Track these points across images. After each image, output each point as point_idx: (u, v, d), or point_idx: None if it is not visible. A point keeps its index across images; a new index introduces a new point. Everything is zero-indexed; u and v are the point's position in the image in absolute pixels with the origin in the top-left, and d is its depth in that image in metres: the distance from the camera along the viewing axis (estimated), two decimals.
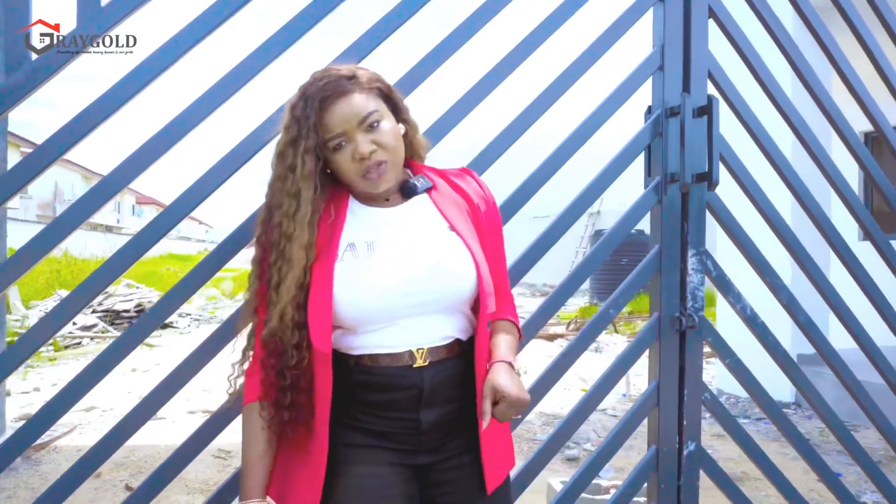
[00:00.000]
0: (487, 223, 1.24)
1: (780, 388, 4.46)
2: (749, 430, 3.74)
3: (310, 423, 1.10)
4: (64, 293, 10.05)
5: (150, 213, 38.00)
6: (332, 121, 1.10)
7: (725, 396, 5.03)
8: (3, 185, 1.35)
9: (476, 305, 1.17)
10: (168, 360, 6.39)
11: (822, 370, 3.99)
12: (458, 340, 1.17)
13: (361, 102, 1.11)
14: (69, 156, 1.51)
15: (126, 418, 1.43)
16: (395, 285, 1.11)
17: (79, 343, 8.07)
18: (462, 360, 1.17)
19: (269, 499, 1.11)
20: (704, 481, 1.79)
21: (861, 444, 2.04)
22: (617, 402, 4.73)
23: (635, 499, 1.82)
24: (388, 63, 1.57)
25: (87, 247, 20.89)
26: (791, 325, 1.97)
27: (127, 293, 10.45)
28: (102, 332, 8.63)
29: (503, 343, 1.19)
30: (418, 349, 1.12)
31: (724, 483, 1.83)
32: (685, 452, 1.76)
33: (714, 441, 3.80)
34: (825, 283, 1.98)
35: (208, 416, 1.49)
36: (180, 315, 10.64)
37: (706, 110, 1.72)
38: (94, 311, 9.35)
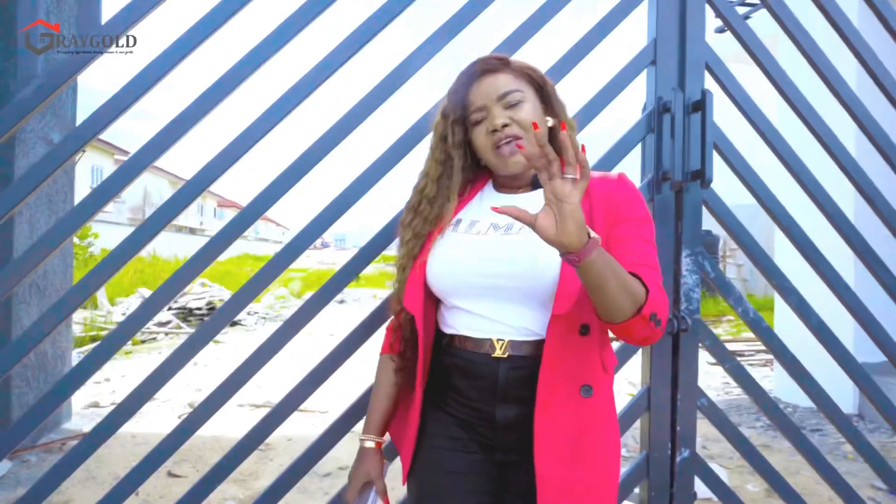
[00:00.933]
0: (611, 218, 1.11)
1: (840, 397, 4.19)
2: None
3: (412, 381, 1.20)
4: (146, 291, 10.74)
5: (230, 216, 39.96)
6: (476, 95, 1.16)
7: (783, 405, 4.77)
8: (99, 193, 1.49)
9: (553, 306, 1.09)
10: (231, 356, 6.69)
11: (890, 380, 3.73)
12: (543, 340, 1.09)
13: (505, 81, 1.16)
14: (158, 163, 1.64)
15: (196, 412, 1.60)
16: (472, 262, 1.12)
17: (154, 338, 8.57)
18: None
19: (386, 436, 1.28)
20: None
21: None
22: None
23: None
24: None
25: (172, 248, 22.17)
26: (854, 330, 1.87)
27: (200, 292, 11.01)
28: (176, 329, 9.13)
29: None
30: (499, 339, 1.11)
31: (721, 491, 1.75)
32: (678, 459, 1.69)
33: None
34: (847, 292, 1.86)
35: (264, 414, 1.59)
36: (248, 313, 11.12)
37: (701, 106, 1.66)
38: (169, 309, 9.91)
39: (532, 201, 1.14)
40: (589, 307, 1.03)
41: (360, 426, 1.56)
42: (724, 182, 1.82)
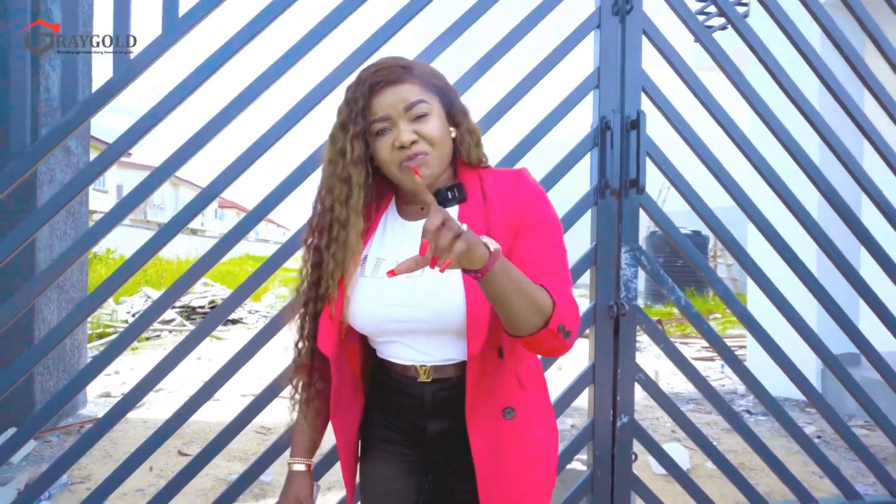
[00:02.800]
0: (514, 228, 1.11)
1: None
2: (757, 428, 3.83)
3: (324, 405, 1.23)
4: (149, 290, 11.03)
5: (231, 217, 40.19)
6: (378, 105, 1.09)
7: (741, 396, 5.06)
8: (119, 208, 1.81)
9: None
10: (231, 352, 6.99)
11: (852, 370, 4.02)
12: (465, 362, 1.11)
13: (411, 91, 1.09)
14: (153, 162, 1.95)
15: (192, 399, 1.88)
16: (383, 310, 1.11)
17: (158, 335, 8.86)
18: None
19: (316, 457, 1.29)
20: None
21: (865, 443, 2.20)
22: None
23: (578, 463, 2.07)
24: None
25: (174, 248, 22.44)
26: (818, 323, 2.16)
27: (203, 291, 11.31)
28: (180, 326, 9.42)
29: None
30: (422, 366, 1.13)
31: (656, 451, 2.04)
32: (619, 424, 1.99)
33: (722, 434, 3.91)
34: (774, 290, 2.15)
35: (251, 399, 1.90)
36: (250, 312, 11.43)
37: (636, 124, 1.95)
38: (172, 307, 10.22)
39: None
40: (487, 337, 1.06)
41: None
42: (704, 189, 2.10)
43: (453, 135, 1.16)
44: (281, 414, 1.91)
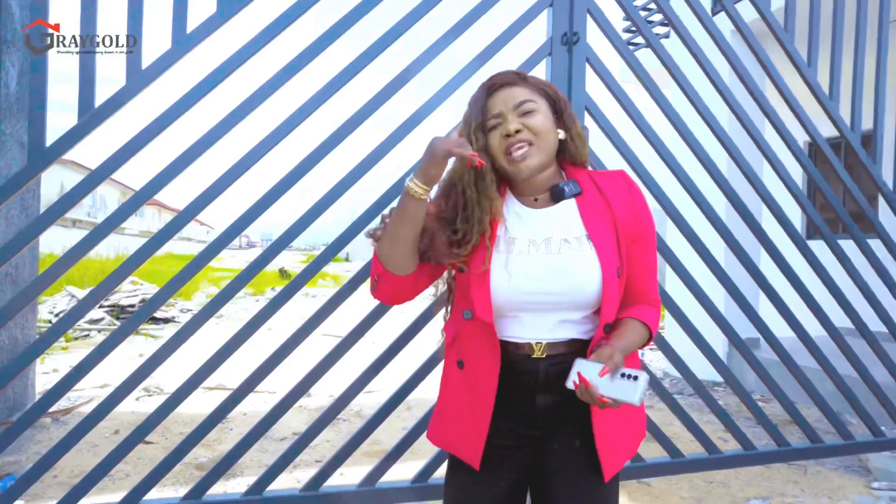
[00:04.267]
0: (633, 232, 1.28)
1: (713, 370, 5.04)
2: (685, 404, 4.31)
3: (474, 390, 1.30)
4: (72, 289, 10.65)
5: (150, 214, 38.63)
6: (493, 103, 1.26)
7: (670, 378, 5.63)
8: (63, 201, 1.98)
9: (600, 313, 1.23)
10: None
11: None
12: (578, 340, 1.25)
13: (521, 92, 1.26)
14: (76, 158, 2.13)
15: (175, 394, 2.10)
16: (519, 285, 1.22)
17: (87, 335, 8.64)
18: (578, 355, 1.21)
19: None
20: None
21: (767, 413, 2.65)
22: None
23: None
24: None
25: (108, 249, 21.53)
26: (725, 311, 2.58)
27: (132, 290, 11.05)
28: (109, 326, 9.21)
29: (621, 336, 1.23)
30: (537, 343, 1.24)
31: None
32: None
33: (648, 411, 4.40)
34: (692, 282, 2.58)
35: (221, 396, 2.14)
36: (182, 311, 11.25)
37: None
38: (100, 307, 9.94)
39: (556, 214, 1.28)
40: (615, 312, 1.26)
41: (304, 401, 2.15)
42: None
43: (562, 136, 1.30)
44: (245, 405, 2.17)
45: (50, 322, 8.87)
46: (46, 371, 5.75)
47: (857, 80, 2.84)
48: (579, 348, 1.25)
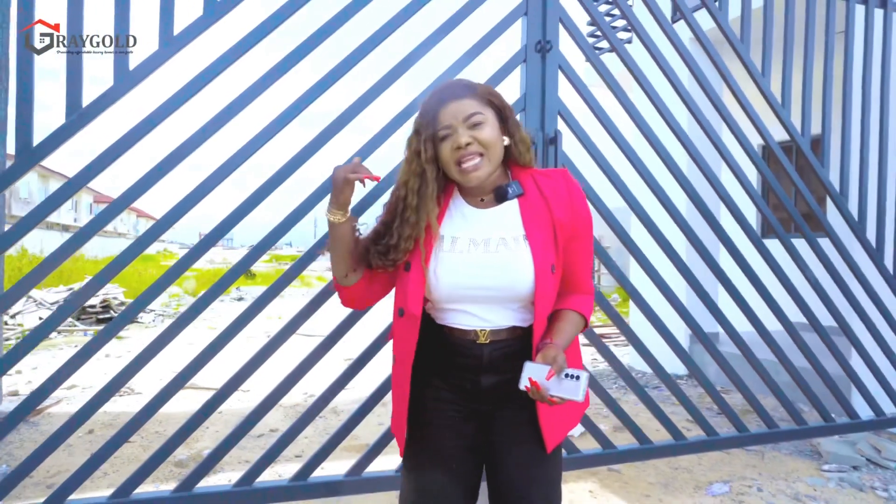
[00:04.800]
0: (571, 231, 1.39)
1: (678, 363, 5.25)
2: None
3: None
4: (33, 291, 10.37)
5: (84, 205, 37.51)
6: (444, 116, 1.33)
7: (635, 372, 5.83)
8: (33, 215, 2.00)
9: (534, 303, 1.36)
10: (136, 349, 6.90)
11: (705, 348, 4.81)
12: (518, 328, 1.38)
13: (470, 105, 1.33)
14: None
15: (158, 395, 2.12)
16: (460, 279, 1.35)
17: (48, 337, 8.45)
18: (519, 340, 1.38)
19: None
20: None
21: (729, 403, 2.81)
22: None
23: None
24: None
25: (44, 245, 20.91)
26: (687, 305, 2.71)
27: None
28: (70, 327, 9.02)
29: (561, 332, 1.36)
30: (482, 330, 1.37)
31: None
32: None
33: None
34: (660, 281, 2.73)
35: (209, 395, 2.18)
36: (145, 311, 11.06)
37: (553, 141, 2.45)
38: (60, 308, 9.72)
39: (498, 215, 1.40)
40: (552, 304, 1.38)
41: (285, 400, 2.21)
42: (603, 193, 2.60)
43: (507, 142, 1.39)
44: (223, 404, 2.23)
45: (6, 323, 8.64)
46: (10, 373, 5.63)
47: (806, 88, 3.03)
48: (519, 335, 1.38)
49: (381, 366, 2.52)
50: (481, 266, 1.34)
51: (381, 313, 2.24)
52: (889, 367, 3.32)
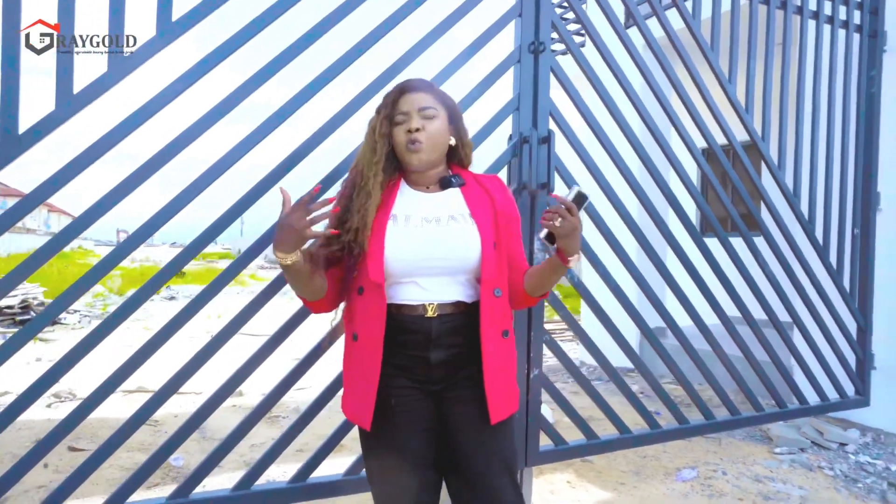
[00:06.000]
0: (505, 219, 1.56)
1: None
2: (601, 389, 4.63)
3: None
4: None
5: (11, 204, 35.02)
6: (403, 102, 1.50)
7: (586, 367, 6.03)
8: None
9: (480, 278, 1.49)
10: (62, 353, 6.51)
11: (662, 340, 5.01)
12: (463, 302, 1.49)
13: (427, 99, 1.51)
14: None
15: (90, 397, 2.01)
16: (415, 251, 1.45)
17: None
18: (464, 316, 1.49)
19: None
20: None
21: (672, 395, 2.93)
22: None
23: None
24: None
25: None
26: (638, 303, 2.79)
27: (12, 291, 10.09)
28: None
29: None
30: (430, 304, 1.47)
31: (560, 401, 2.63)
32: (531, 375, 2.53)
33: (572, 396, 4.71)
34: (635, 271, 2.84)
35: (149, 397, 2.06)
36: (69, 312, 10.42)
37: (547, 140, 2.50)
38: None
39: (440, 200, 1.54)
40: (499, 277, 1.49)
41: (238, 401, 2.17)
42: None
43: (453, 142, 1.57)
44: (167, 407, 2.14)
45: None
46: None
47: (766, 95, 3.23)
48: (463, 310, 1.49)
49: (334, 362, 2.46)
50: (435, 240, 1.47)
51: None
52: (832, 354, 3.59)
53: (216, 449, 2.17)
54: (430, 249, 1.46)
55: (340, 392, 1.69)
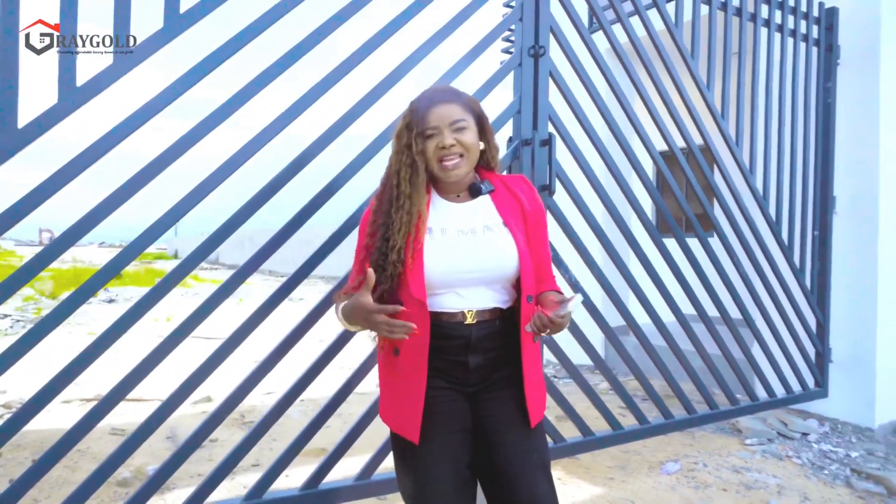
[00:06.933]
0: (534, 222, 1.58)
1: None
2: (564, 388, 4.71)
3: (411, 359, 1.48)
4: None
5: None
6: (433, 116, 1.48)
7: (552, 365, 6.13)
8: None
9: (517, 284, 1.51)
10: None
11: (625, 337, 5.16)
12: (499, 308, 1.52)
13: (457, 111, 1.49)
14: None
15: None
16: (453, 264, 1.47)
17: None
18: (501, 322, 1.52)
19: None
20: None
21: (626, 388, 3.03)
22: None
23: None
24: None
25: None
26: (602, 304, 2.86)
27: None
28: None
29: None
30: (469, 311, 1.49)
31: (559, 399, 2.67)
32: None
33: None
34: (625, 270, 2.92)
35: (95, 403, 1.95)
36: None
37: (548, 143, 2.54)
38: None
39: (476, 208, 1.56)
40: (534, 284, 1.52)
41: (207, 407, 2.12)
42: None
43: (482, 147, 1.57)
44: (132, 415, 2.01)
45: None
46: None
47: (740, 101, 3.39)
48: (499, 316, 1.52)
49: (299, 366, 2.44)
50: (472, 251, 1.48)
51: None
52: (795, 349, 3.80)
53: (224, 460, 2.09)
54: (468, 262, 1.48)
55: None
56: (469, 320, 1.49)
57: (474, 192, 1.56)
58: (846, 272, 3.98)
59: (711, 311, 3.25)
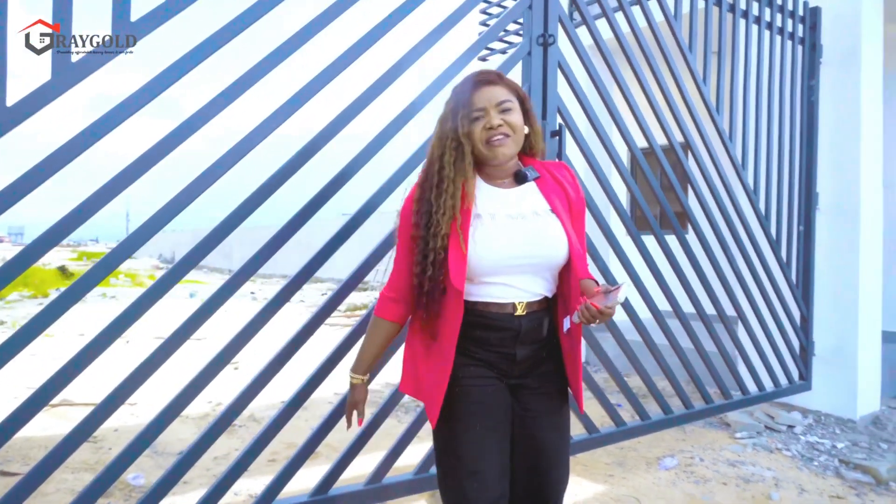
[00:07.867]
0: (577, 210, 1.56)
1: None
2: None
3: (435, 337, 1.46)
4: None
5: None
6: (478, 98, 1.44)
7: None
8: None
9: (562, 271, 1.48)
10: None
11: (606, 335, 5.17)
12: (546, 297, 1.49)
13: (502, 92, 1.45)
14: None
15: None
16: (506, 249, 1.42)
17: None
18: (546, 311, 1.49)
19: (366, 377, 1.62)
20: None
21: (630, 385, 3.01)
22: None
23: None
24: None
25: None
26: None
27: None
28: None
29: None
30: (520, 302, 1.45)
31: None
32: None
33: None
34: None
35: (83, 411, 1.79)
36: None
37: (558, 133, 2.49)
38: None
39: (523, 193, 1.50)
40: (585, 271, 1.47)
41: (191, 411, 2.00)
42: None
43: (526, 131, 1.52)
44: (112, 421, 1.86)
45: None
46: None
47: (733, 98, 3.40)
48: (545, 305, 1.49)
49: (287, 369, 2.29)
50: (525, 235, 1.43)
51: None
52: (782, 343, 3.85)
53: (227, 473, 1.96)
54: (521, 247, 1.43)
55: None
56: (520, 311, 1.44)
57: (520, 178, 1.52)
58: (829, 267, 4.06)
59: (707, 306, 3.26)
